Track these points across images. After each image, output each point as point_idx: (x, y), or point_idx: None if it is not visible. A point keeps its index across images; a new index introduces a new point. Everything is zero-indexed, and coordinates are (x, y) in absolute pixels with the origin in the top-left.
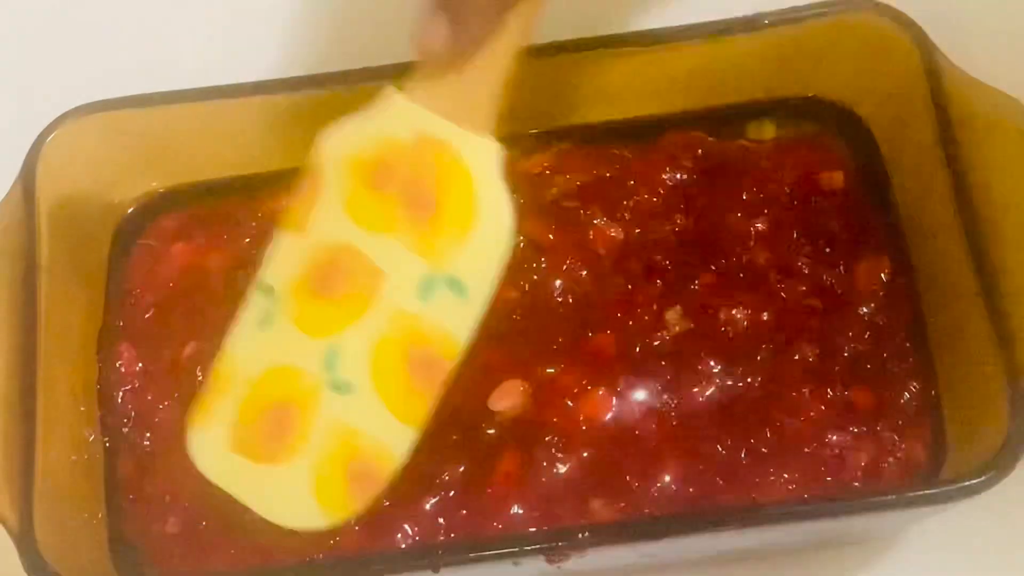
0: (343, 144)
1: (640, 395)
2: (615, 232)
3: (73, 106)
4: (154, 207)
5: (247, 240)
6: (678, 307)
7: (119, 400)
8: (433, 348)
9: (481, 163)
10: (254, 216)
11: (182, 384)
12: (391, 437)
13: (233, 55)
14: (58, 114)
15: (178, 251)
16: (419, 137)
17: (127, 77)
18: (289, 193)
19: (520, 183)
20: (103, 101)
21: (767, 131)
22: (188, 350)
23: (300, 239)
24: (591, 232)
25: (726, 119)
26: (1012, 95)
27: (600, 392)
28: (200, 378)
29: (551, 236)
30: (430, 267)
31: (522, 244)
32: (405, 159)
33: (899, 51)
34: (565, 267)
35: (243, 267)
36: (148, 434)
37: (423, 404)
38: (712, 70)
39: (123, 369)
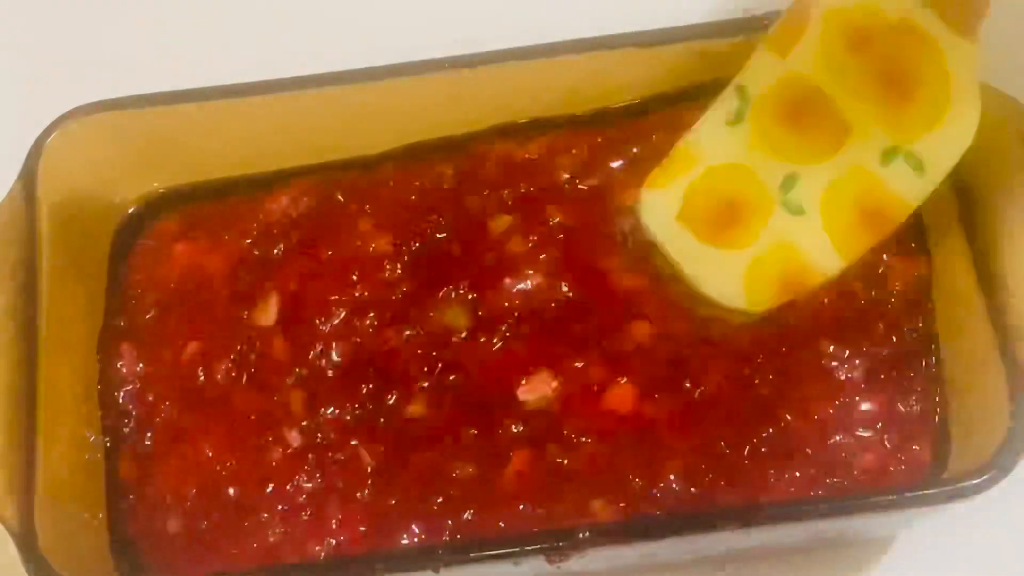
0: None
1: (662, 389)
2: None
3: (73, 106)
4: (155, 207)
5: (248, 240)
6: None
7: (120, 400)
8: (885, 203)
9: (961, 66)
10: (255, 216)
11: (183, 384)
12: (824, 260)
13: (234, 55)
14: (58, 114)
15: (179, 251)
16: (904, 21)
17: (127, 77)
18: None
19: (525, 169)
20: (103, 101)
21: None
22: (189, 350)
23: (779, 63)
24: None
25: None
26: (1012, 96)
27: (624, 382)
28: (201, 379)
29: (575, 218)
30: (894, 140)
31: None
32: (886, 36)
33: None
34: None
35: (244, 267)
36: (149, 434)
37: (861, 244)
38: (712, 70)
39: (124, 370)
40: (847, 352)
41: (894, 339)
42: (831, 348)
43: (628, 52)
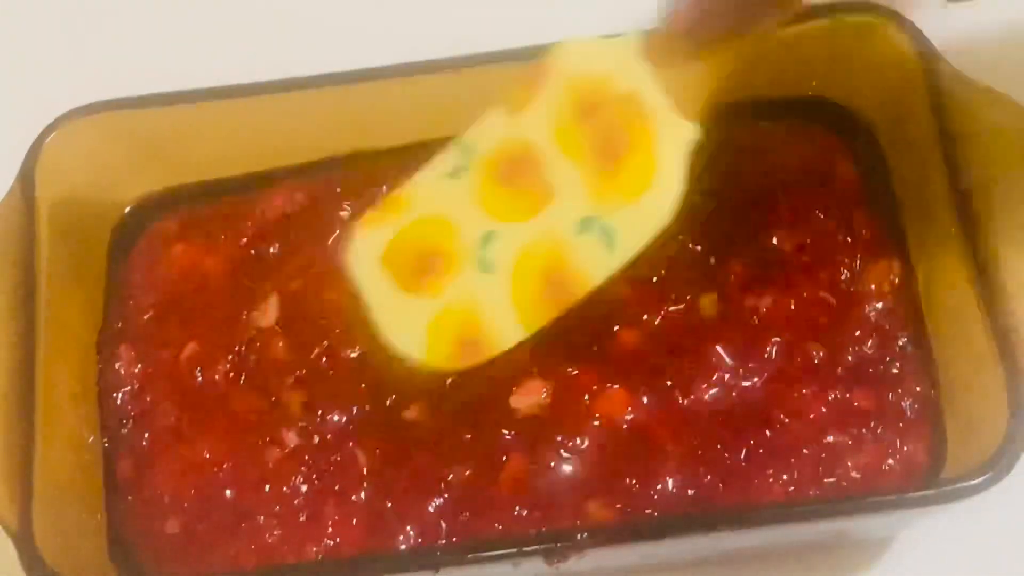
0: (577, 60)
1: (653, 394)
2: None
3: (73, 106)
4: (153, 208)
5: (246, 240)
6: (713, 294)
7: (118, 401)
8: (568, 277)
9: (672, 144)
10: (253, 216)
11: (181, 385)
12: (504, 328)
13: (232, 56)
14: (58, 114)
15: (177, 252)
16: (633, 93)
17: (127, 77)
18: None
19: None
20: (103, 101)
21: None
22: (187, 351)
23: (507, 123)
24: None
25: (726, 118)
26: (1011, 96)
27: (616, 388)
28: (200, 380)
29: None
30: (594, 209)
31: None
32: (613, 106)
33: (898, 53)
34: None
35: (242, 267)
36: (147, 435)
37: (541, 316)
38: (712, 71)
39: (122, 370)
40: (842, 353)
41: (890, 339)
42: (828, 349)
43: None
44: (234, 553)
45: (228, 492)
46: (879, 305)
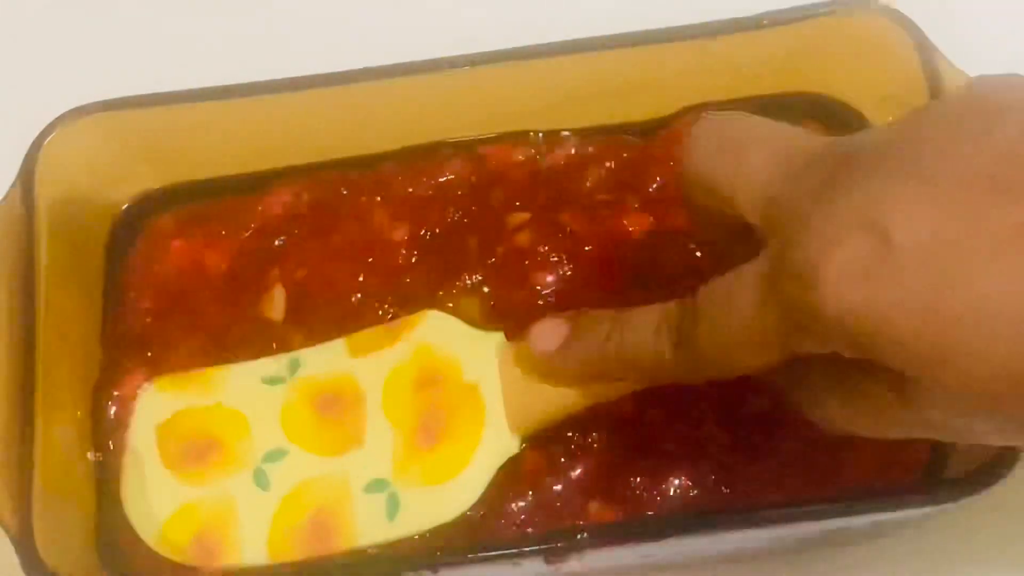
0: (437, 333)
1: (656, 395)
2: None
3: (72, 106)
4: (153, 206)
5: (247, 234)
6: None
7: (119, 402)
8: (337, 525)
9: (491, 452)
10: (254, 215)
11: None
12: (250, 545)
13: (232, 55)
14: (58, 114)
15: (177, 250)
16: (474, 386)
17: (126, 77)
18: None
19: (549, 178)
20: (103, 101)
21: None
22: (188, 351)
23: (343, 359)
24: (627, 220)
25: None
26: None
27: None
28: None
29: (585, 225)
30: (392, 474)
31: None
32: (452, 389)
33: (899, 51)
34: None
35: (242, 265)
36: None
37: (290, 552)
38: (712, 70)
39: (123, 371)
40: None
41: None
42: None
43: (627, 52)
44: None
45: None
46: None
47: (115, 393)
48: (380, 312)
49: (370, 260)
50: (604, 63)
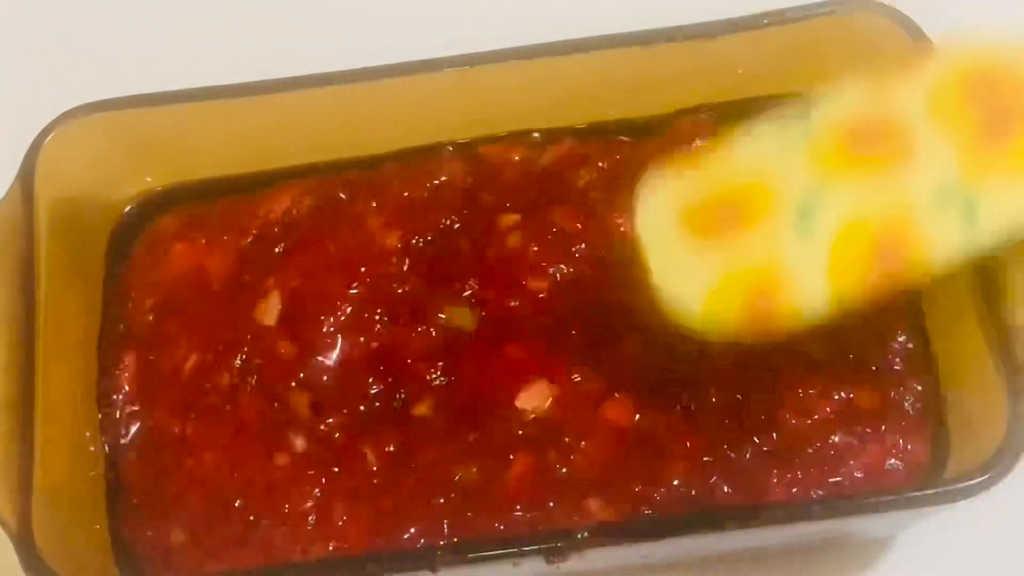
0: (974, 40)
1: (659, 396)
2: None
3: (72, 106)
4: (154, 207)
5: (247, 240)
6: None
7: (119, 403)
8: (906, 251)
9: None
10: (254, 215)
11: (183, 387)
12: (808, 301)
13: (233, 55)
14: (58, 114)
15: (178, 251)
16: None
17: (126, 77)
18: None
19: (541, 177)
20: (103, 101)
21: None
22: (188, 352)
23: (870, 91)
24: (620, 220)
25: (726, 118)
26: None
27: (617, 395)
28: (202, 381)
29: (579, 225)
30: (960, 180)
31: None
32: (1011, 87)
33: (897, 49)
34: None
35: (244, 265)
36: (148, 437)
37: (858, 294)
38: (712, 69)
39: (123, 372)
40: (844, 353)
41: (891, 339)
42: (828, 349)
43: (627, 52)
44: (237, 556)
45: (229, 492)
46: (889, 305)
47: (115, 393)
48: (373, 321)
49: (363, 270)
50: (604, 63)
